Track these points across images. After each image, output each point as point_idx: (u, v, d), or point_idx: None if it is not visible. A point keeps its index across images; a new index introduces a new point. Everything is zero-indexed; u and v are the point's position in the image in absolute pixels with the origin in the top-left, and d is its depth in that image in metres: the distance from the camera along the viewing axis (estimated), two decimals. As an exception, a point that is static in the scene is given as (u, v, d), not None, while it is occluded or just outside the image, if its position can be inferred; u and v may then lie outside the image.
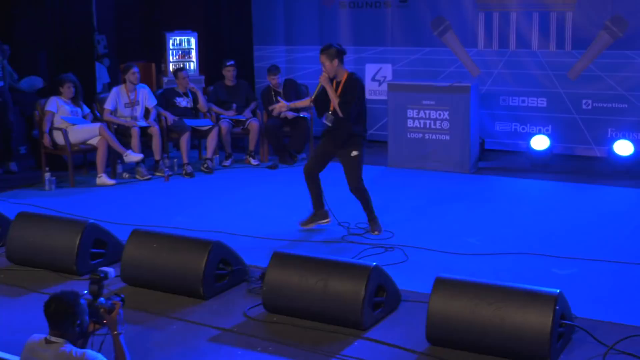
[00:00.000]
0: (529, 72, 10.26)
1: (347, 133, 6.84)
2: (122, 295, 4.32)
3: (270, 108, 7.29)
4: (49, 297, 4.02)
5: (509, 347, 4.41)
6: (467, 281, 4.72)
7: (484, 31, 10.46)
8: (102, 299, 4.22)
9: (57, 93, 9.24)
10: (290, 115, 9.84)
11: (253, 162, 10.02)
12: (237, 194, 8.66)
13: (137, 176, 9.33)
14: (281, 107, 7.22)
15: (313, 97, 7.01)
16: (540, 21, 10.09)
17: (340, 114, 6.74)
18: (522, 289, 4.56)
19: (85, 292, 4.18)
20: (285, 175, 9.51)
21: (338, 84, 6.80)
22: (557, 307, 4.37)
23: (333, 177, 7.25)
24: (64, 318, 3.96)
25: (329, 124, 6.87)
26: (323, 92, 6.84)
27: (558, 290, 4.46)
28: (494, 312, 4.45)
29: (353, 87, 6.77)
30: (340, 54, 6.76)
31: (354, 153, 6.89)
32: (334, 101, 6.75)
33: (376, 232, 7.00)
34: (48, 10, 10.32)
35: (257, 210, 7.58)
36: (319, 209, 7.10)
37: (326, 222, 7.13)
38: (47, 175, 8.91)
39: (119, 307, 4.22)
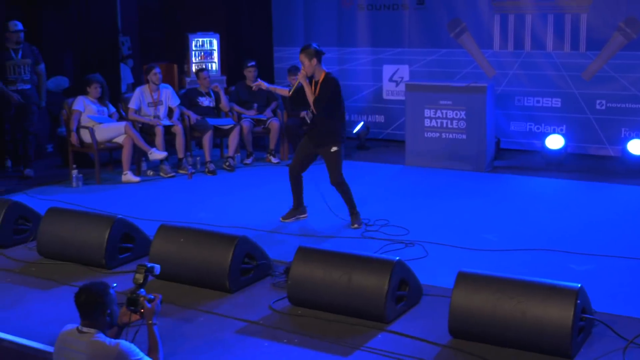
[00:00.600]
0: (543, 73, 10.22)
1: (325, 130, 6.99)
2: (161, 297, 4.37)
3: (254, 84, 7.42)
4: (79, 288, 4.05)
5: (530, 340, 4.38)
6: (488, 275, 4.70)
7: (500, 33, 10.42)
8: (142, 289, 4.26)
9: (84, 93, 9.28)
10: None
11: (273, 160, 10.03)
12: (258, 191, 8.66)
13: (161, 174, 9.36)
14: (260, 84, 7.30)
15: (291, 92, 7.15)
16: (555, 23, 10.05)
17: (314, 111, 6.92)
18: (543, 283, 4.53)
19: (115, 284, 4.21)
20: (304, 173, 9.47)
21: (316, 83, 6.94)
22: (579, 301, 4.34)
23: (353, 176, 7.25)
24: (94, 308, 3.98)
25: (309, 122, 7.09)
26: (301, 89, 6.99)
27: (579, 285, 4.44)
28: (516, 306, 4.43)
29: (328, 86, 6.91)
30: (318, 54, 6.90)
31: (334, 149, 7.03)
32: (310, 99, 6.90)
33: (356, 226, 7.05)
34: (74, 13, 10.38)
35: (277, 207, 7.56)
36: (299, 206, 7.36)
37: (304, 217, 7.39)
38: (74, 172, 8.94)
39: (158, 299, 4.26)
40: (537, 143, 10.16)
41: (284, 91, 7.49)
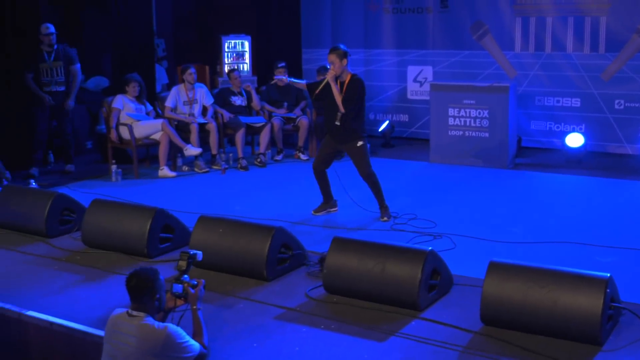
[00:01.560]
0: (563, 74, 10.15)
1: (349, 128, 6.99)
2: (204, 282, 4.38)
3: (276, 78, 7.38)
4: (130, 273, 4.06)
5: (561, 328, 4.34)
6: (519, 265, 4.66)
7: (521, 35, 10.36)
8: (186, 275, 4.27)
9: (123, 91, 9.33)
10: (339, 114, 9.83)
11: (302, 157, 10.02)
12: (289, 186, 8.66)
13: (196, 169, 9.39)
14: (282, 80, 7.17)
15: (318, 90, 6.99)
16: (575, 25, 9.97)
17: (342, 110, 6.89)
18: (573, 272, 4.49)
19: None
20: (332, 169, 9.42)
21: (342, 83, 6.93)
22: (608, 290, 4.30)
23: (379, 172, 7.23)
24: (144, 292, 4.00)
25: (337, 122, 7.00)
26: (326, 89, 6.93)
27: (608, 274, 4.39)
28: (546, 295, 4.39)
29: (355, 87, 6.92)
30: (347, 55, 6.91)
31: (359, 143, 7.06)
32: (338, 98, 6.86)
33: (385, 219, 7.02)
34: (113, 16, 10.43)
35: (307, 201, 7.57)
36: (329, 200, 7.36)
37: (334, 210, 7.39)
38: (114, 167, 8.99)
39: (201, 284, 4.27)
40: (557, 141, 10.09)
41: (302, 84, 7.41)
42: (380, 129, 11.04)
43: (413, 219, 7.02)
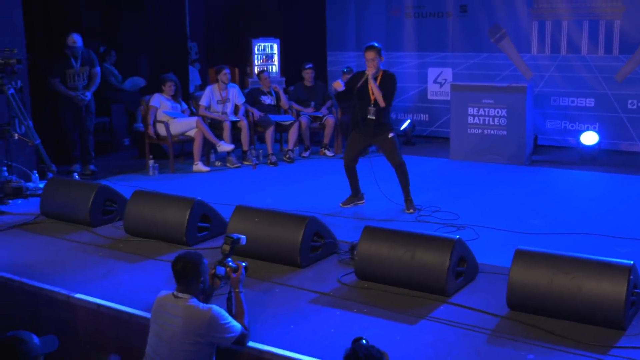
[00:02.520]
0: (578, 75, 10.06)
1: (380, 121, 6.95)
2: (246, 263, 4.37)
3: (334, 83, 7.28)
4: (177, 256, 4.07)
5: (585, 313, 4.29)
6: (544, 253, 4.61)
7: (537, 38, 10.28)
8: (229, 259, 4.26)
9: (160, 90, 9.34)
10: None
11: (328, 153, 10.01)
12: (316, 181, 8.64)
13: (228, 164, 9.39)
14: (338, 85, 7.07)
15: (360, 84, 6.89)
16: (590, 28, 9.88)
17: (383, 104, 6.86)
18: (597, 260, 4.44)
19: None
20: (366, 162, 9.43)
21: (375, 79, 6.87)
22: (631, 277, 4.24)
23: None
24: (189, 275, 4.00)
25: (372, 117, 6.93)
26: (363, 84, 6.87)
27: (632, 262, 4.34)
28: (571, 281, 4.34)
29: (391, 82, 6.92)
30: (381, 52, 6.93)
31: (391, 135, 7.03)
32: (377, 93, 6.81)
33: (410, 211, 6.96)
34: (148, 20, 10.46)
35: (333, 194, 7.55)
36: (357, 193, 7.30)
37: (361, 203, 7.33)
38: (151, 162, 9.00)
39: (242, 268, 4.26)
40: (572, 140, 10.01)
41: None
42: (402, 128, 10.99)
43: (437, 211, 6.97)
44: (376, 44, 6.92)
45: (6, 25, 7.91)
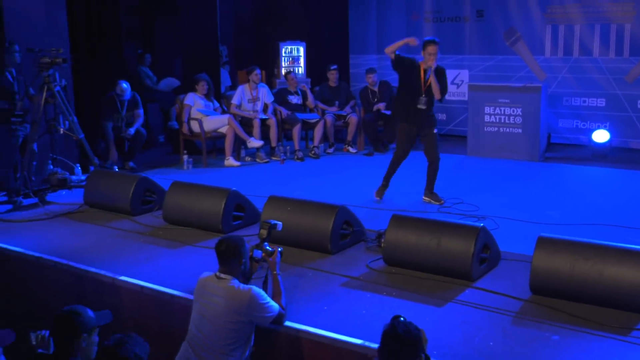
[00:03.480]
0: (590, 76, 9.95)
1: (431, 113, 6.86)
2: (282, 248, 4.35)
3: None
4: (220, 239, 4.06)
5: (607, 297, 4.23)
6: (566, 240, 4.55)
7: (551, 41, 10.19)
8: (266, 243, 4.25)
9: (193, 90, 9.35)
10: (388, 112, 9.83)
11: (351, 150, 9.97)
12: (340, 175, 8.61)
13: (257, 159, 9.38)
14: (413, 41, 6.78)
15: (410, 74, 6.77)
16: (601, 32, 9.77)
17: (438, 97, 6.77)
18: (617, 246, 4.37)
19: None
20: (378, 160, 9.39)
21: (425, 72, 6.76)
22: (651, 263, 4.18)
23: (422, 163, 7.12)
24: (231, 257, 3.99)
25: (422, 106, 6.79)
26: (415, 74, 6.73)
27: (651, 248, 4.28)
28: (592, 267, 4.28)
29: (445, 76, 6.86)
30: None
31: (435, 130, 6.93)
32: (435, 87, 6.69)
33: (442, 202, 6.88)
34: (183, 25, 10.48)
35: (357, 187, 7.52)
36: (387, 185, 7.09)
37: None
38: (185, 157, 9.02)
39: (278, 251, 4.24)
40: (583, 138, 9.91)
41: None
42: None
43: (459, 203, 6.92)
44: (437, 40, 6.78)
45: (52, 27, 7.95)
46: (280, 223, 4.42)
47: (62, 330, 3.25)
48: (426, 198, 7.01)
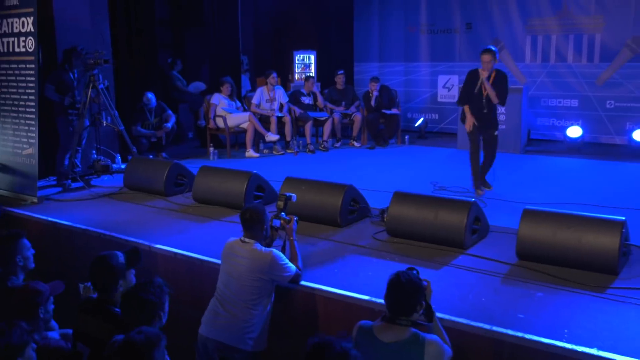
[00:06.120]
0: (565, 80, 9.86)
1: (494, 116, 6.53)
2: (297, 217, 4.30)
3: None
4: (245, 208, 4.00)
5: (584, 260, 4.17)
6: (548, 211, 4.49)
7: (530, 49, 10.09)
8: (283, 213, 4.20)
9: (219, 91, 9.31)
10: (388, 112, 9.77)
11: (356, 144, 9.90)
12: (346, 164, 8.54)
13: (274, 152, 9.33)
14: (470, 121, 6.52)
15: (476, 89, 6.39)
16: (575, 41, 9.68)
17: (496, 101, 6.39)
18: (594, 217, 4.32)
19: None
20: (379, 153, 9.35)
21: (489, 78, 6.43)
22: (623, 230, 4.11)
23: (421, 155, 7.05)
24: (255, 223, 3.94)
25: (485, 110, 6.45)
26: (476, 83, 6.37)
27: (623, 218, 4.21)
28: (572, 234, 4.22)
29: (504, 81, 6.42)
30: (497, 55, 6.40)
31: (496, 133, 6.65)
32: (491, 92, 6.36)
33: (482, 191, 6.58)
34: (209, 36, 10.43)
35: (361, 174, 7.47)
36: (478, 177, 6.65)
37: (489, 188, 6.73)
38: (211, 149, 8.98)
39: (294, 220, 4.19)
40: (559, 134, 9.81)
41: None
42: (417, 125, 10.87)
43: (445, 188, 6.83)
44: (492, 48, 6.40)
45: (97, 35, 7.92)
46: (294, 195, 4.37)
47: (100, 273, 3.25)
48: (485, 187, 6.71)
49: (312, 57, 11.62)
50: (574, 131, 9.28)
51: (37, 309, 3.10)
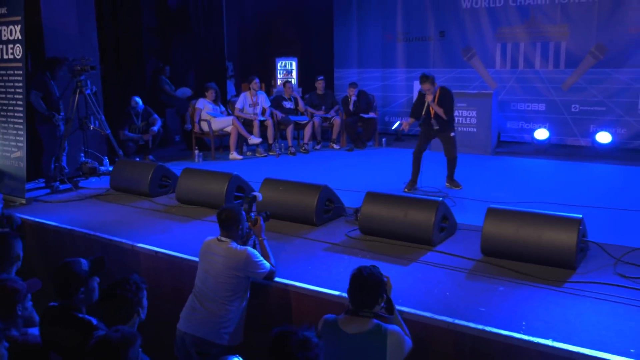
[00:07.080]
0: (532, 85, 9.91)
1: (445, 122, 6.74)
2: (268, 212, 4.26)
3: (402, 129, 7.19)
4: (221, 208, 3.98)
5: (544, 256, 4.20)
6: (511, 210, 4.52)
7: (500, 56, 10.14)
8: (252, 214, 4.17)
9: (203, 96, 9.27)
10: (366, 116, 9.78)
11: (335, 146, 9.90)
12: (325, 166, 8.54)
13: (257, 154, 9.31)
14: (429, 97, 6.76)
15: (424, 112, 6.78)
16: (542, 48, 9.74)
17: (445, 117, 6.65)
18: (555, 215, 4.34)
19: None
20: (357, 155, 9.36)
21: (434, 98, 6.69)
22: (581, 227, 4.15)
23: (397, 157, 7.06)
24: (230, 223, 3.91)
25: (436, 127, 6.75)
26: (423, 104, 6.67)
27: (581, 216, 4.24)
28: (534, 231, 4.25)
29: (448, 97, 6.69)
30: (434, 78, 6.71)
31: (452, 134, 6.81)
32: (439, 110, 6.63)
33: (460, 187, 6.77)
34: (196, 44, 10.38)
35: (339, 175, 7.47)
36: (416, 180, 6.85)
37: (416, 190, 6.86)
38: (196, 151, 8.94)
39: (260, 220, 4.16)
40: (527, 137, 9.86)
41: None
42: (393, 128, 10.69)
43: (416, 190, 6.86)
44: (427, 74, 6.63)
45: (85, 42, 7.85)
46: (259, 194, 4.33)
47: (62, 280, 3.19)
48: (448, 184, 6.90)
49: (294, 64, 11.62)
50: (542, 134, 9.35)
51: (15, 306, 3.05)
